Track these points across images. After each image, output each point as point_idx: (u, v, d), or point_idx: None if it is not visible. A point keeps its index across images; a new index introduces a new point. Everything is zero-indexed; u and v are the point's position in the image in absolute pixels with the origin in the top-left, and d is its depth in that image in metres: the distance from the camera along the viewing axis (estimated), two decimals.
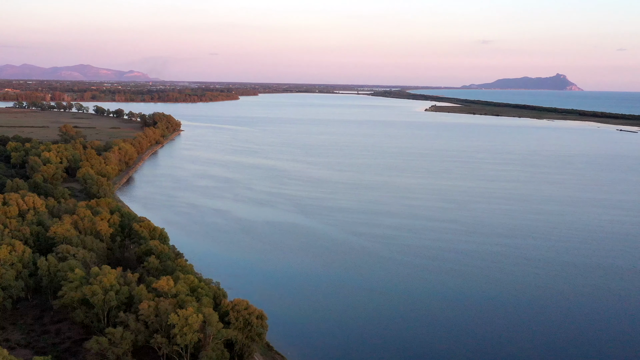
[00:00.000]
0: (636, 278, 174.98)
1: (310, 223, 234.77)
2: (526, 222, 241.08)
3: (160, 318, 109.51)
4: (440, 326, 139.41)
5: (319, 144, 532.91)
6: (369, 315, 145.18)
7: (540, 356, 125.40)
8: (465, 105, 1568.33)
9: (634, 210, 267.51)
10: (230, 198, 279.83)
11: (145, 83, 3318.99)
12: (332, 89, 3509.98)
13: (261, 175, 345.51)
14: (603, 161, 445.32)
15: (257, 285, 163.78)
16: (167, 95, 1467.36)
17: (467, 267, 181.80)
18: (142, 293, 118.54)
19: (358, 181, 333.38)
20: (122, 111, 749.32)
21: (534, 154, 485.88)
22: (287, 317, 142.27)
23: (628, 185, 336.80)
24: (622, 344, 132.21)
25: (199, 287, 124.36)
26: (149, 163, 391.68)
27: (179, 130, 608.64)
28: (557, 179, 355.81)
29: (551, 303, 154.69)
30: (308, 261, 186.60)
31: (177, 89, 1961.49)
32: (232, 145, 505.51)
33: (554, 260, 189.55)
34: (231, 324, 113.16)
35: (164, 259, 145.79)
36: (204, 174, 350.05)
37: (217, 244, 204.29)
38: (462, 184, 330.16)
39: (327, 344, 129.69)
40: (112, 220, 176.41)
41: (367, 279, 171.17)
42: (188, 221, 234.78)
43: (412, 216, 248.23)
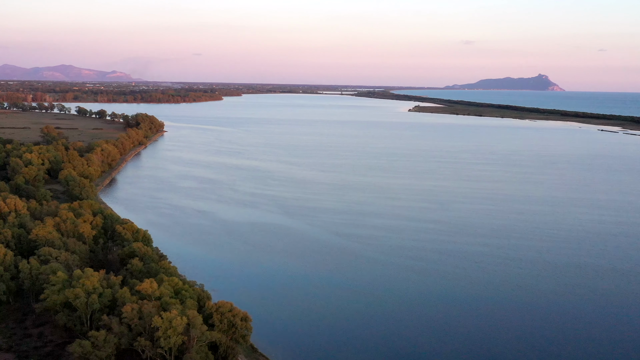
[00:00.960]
0: (616, 277, 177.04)
1: (294, 224, 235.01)
2: (508, 222, 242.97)
3: (144, 321, 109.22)
4: (424, 326, 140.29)
5: (302, 144, 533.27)
6: (353, 315, 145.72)
7: (522, 355, 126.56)
8: (448, 105, 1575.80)
9: (615, 210, 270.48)
10: (214, 199, 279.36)
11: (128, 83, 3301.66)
12: (315, 89, 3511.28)
13: (245, 176, 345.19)
14: (584, 161, 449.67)
15: (241, 287, 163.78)
16: (150, 95, 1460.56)
17: (449, 267, 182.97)
18: (125, 296, 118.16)
19: (342, 182, 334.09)
20: (104, 112, 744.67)
21: (516, 154, 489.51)
22: (271, 319, 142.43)
23: (609, 185, 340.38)
24: (602, 342, 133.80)
25: (182, 290, 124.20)
26: (132, 164, 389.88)
27: (162, 131, 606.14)
28: (539, 179, 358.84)
29: (532, 303, 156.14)
30: (292, 262, 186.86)
31: (160, 89, 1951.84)
32: (215, 146, 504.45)
33: (536, 260, 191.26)
34: (215, 326, 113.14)
35: (148, 261, 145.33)
36: (187, 175, 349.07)
37: (201, 246, 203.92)
38: (445, 184, 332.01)
39: (312, 344, 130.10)
40: (94, 223, 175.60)
41: (351, 279, 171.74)
42: (171, 223, 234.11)
43: (396, 217, 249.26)
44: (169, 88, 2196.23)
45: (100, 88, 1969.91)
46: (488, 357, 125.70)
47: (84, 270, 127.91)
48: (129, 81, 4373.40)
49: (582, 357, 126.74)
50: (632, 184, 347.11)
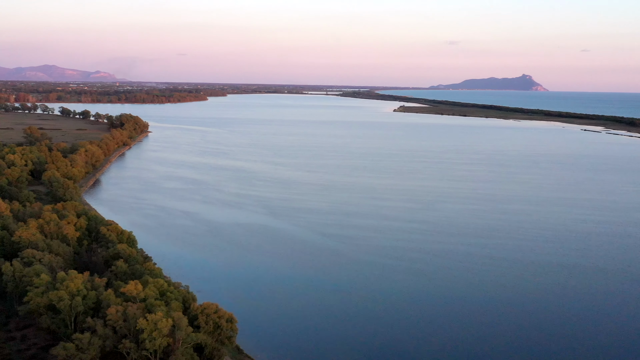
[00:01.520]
0: (599, 276, 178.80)
1: (280, 224, 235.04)
2: (492, 222, 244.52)
3: (129, 323, 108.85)
4: (409, 326, 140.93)
5: (288, 144, 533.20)
6: (338, 316, 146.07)
7: (506, 353, 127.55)
8: (433, 105, 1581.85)
9: (598, 209, 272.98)
10: (199, 200, 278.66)
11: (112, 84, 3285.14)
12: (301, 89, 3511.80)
13: (230, 177, 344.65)
14: (568, 160, 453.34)
15: (226, 288, 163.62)
16: (135, 96, 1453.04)
17: (434, 267, 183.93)
18: (110, 298, 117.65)
19: (327, 182, 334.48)
20: (88, 112, 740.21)
21: (500, 153, 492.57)
22: (257, 320, 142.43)
23: (592, 185, 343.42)
24: (585, 340, 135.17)
25: (168, 291, 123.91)
26: (116, 165, 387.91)
27: (146, 132, 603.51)
28: (523, 178, 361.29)
29: (516, 302, 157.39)
30: (277, 263, 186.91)
31: (144, 89, 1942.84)
32: (200, 147, 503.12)
33: (519, 260, 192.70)
34: (201, 327, 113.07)
35: (132, 262, 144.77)
36: (172, 175, 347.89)
37: (186, 247, 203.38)
38: (430, 184, 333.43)
39: (297, 345, 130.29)
40: (78, 224, 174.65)
41: (336, 280, 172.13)
42: (156, 224, 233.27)
43: (381, 217, 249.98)
44: (154, 88, 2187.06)
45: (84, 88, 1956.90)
46: (472, 356, 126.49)
47: (67, 272, 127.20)
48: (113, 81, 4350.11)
49: (566, 354, 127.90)
50: (614, 183, 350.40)
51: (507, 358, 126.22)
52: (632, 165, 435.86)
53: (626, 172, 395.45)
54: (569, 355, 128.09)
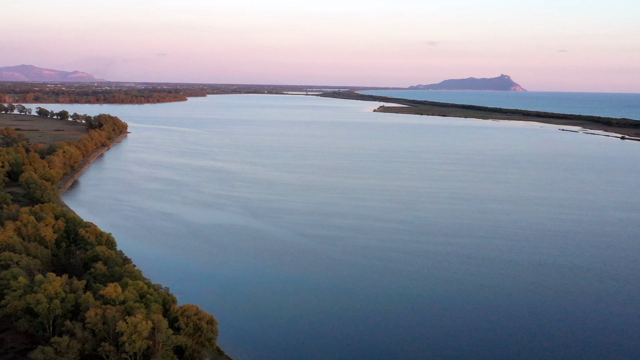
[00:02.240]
0: (576, 275, 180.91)
1: (260, 225, 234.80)
2: (471, 222, 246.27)
3: (108, 326, 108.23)
4: (389, 325, 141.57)
5: (268, 145, 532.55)
6: (319, 316, 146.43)
7: (485, 352, 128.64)
8: (413, 105, 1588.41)
9: (575, 208, 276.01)
10: (179, 201, 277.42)
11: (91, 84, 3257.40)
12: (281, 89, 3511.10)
13: (210, 178, 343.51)
14: (546, 160, 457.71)
15: (207, 290, 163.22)
16: (113, 96, 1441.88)
17: (413, 267, 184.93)
18: (89, 300, 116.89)
19: (307, 182, 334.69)
20: (66, 113, 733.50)
21: (479, 153, 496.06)
22: (237, 321, 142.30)
23: (569, 184, 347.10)
24: (562, 338, 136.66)
25: (147, 293, 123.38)
26: (95, 166, 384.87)
27: (125, 132, 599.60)
28: (501, 178, 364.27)
29: (495, 301, 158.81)
30: (258, 264, 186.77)
31: (123, 90, 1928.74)
32: (180, 147, 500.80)
33: (498, 259, 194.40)
34: (181, 329, 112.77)
35: (112, 264, 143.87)
36: (151, 176, 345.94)
37: (166, 248, 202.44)
38: (409, 184, 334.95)
39: (278, 346, 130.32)
40: (57, 226, 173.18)
41: (317, 280, 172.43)
42: (135, 225, 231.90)
43: (361, 217, 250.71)
44: (132, 88, 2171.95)
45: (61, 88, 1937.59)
46: (453, 355, 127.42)
47: (45, 275, 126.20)
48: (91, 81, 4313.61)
49: (544, 352, 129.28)
50: (591, 182, 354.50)
51: (486, 356, 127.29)
52: (609, 164, 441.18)
53: (603, 172, 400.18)
54: (547, 352, 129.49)
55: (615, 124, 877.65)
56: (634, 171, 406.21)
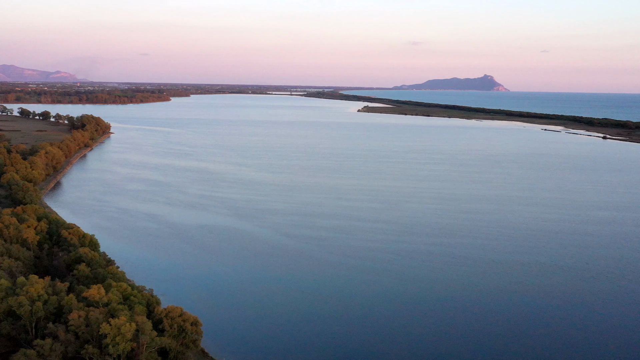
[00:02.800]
0: (558, 273, 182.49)
1: (244, 226, 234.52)
2: (455, 221, 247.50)
3: (92, 328, 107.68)
4: (373, 325, 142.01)
5: (252, 145, 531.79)
6: (303, 317, 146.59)
7: (469, 351, 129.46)
8: (396, 105, 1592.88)
9: (557, 208, 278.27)
10: (163, 202, 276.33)
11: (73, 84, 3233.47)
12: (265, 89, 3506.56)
13: (194, 178, 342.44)
14: (528, 160, 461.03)
15: (191, 291, 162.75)
16: (96, 96, 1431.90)
17: (398, 267, 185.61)
18: (72, 303, 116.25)
19: (291, 183, 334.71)
20: (48, 113, 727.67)
21: (463, 153, 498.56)
22: (222, 322, 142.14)
23: (551, 183, 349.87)
24: (546, 336, 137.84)
25: (131, 295, 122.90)
26: (78, 167, 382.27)
27: (108, 133, 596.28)
28: (485, 178, 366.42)
29: (478, 300, 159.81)
30: (242, 265, 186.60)
31: (106, 90, 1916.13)
32: (163, 148, 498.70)
33: (481, 258, 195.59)
34: (165, 331, 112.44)
35: (95, 266, 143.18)
36: (134, 177, 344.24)
37: (150, 250, 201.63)
38: (394, 184, 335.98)
39: (263, 347, 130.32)
40: (39, 228, 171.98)
41: (301, 280, 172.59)
42: (119, 227, 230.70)
43: (345, 217, 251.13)
44: (116, 89, 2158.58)
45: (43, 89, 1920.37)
46: (436, 354, 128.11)
47: (28, 277, 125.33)
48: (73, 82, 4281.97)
49: (527, 350, 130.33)
50: (573, 182, 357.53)
51: (470, 354, 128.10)
52: (591, 164, 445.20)
53: (585, 171, 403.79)
54: (530, 350, 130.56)
55: (597, 124, 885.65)
56: (615, 170, 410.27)
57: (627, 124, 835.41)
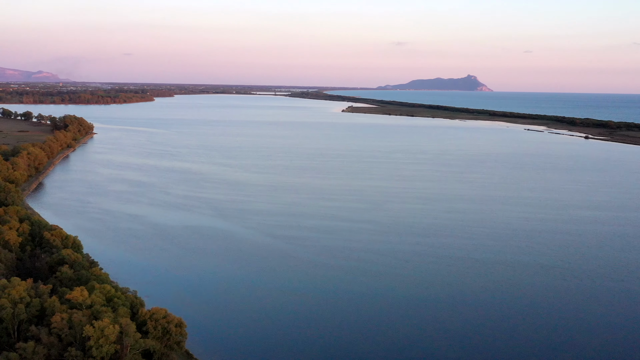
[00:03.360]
0: (540, 272, 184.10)
1: (228, 226, 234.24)
2: (439, 221, 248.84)
3: (75, 330, 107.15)
4: (357, 326, 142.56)
5: (236, 145, 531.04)
6: (288, 317, 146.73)
7: (451, 351, 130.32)
8: (381, 105, 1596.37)
9: (540, 207, 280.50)
10: (146, 203, 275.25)
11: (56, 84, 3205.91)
12: (249, 89, 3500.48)
13: (178, 179, 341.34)
14: (511, 160, 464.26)
15: (175, 292, 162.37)
16: (79, 96, 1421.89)
17: (381, 267, 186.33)
18: (54, 305, 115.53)
19: (276, 183, 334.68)
20: (30, 114, 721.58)
21: (447, 153, 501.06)
22: (206, 324, 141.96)
23: (534, 183, 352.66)
24: (527, 335, 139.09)
25: (115, 297, 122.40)
26: (60, 168, 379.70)
27: (91, 133, 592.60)
28: (468, 177, 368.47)
29: (461, 299, 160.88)
30: (227, 265, 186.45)
31: (89, 90, 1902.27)
32: (147, 148, 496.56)
33: (464, 258, 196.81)
34: (149, 333, 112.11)
35: (78, 268, 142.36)
36: (118, 178, 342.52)
37: (133, 251, 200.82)
38: (378, 184, 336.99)
39: (248, 348, 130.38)
40: (21, 229, 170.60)
41: (286, 281, 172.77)
42: (102, 228, 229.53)
43: (330, 217, 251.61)
44: (99, 89, 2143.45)
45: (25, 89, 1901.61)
46: (420, 354, 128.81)
47: (10, 280, 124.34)
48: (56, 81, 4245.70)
49: (509, 349, 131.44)
50: (556, 181, 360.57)
51: (454, 353, 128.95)
52: (573, 163, 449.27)
53: (567, 171, 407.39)
54: (512, 349, 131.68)
55: (579, 124, 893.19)
56: (597, 170, 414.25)
57: (608, 123, 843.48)
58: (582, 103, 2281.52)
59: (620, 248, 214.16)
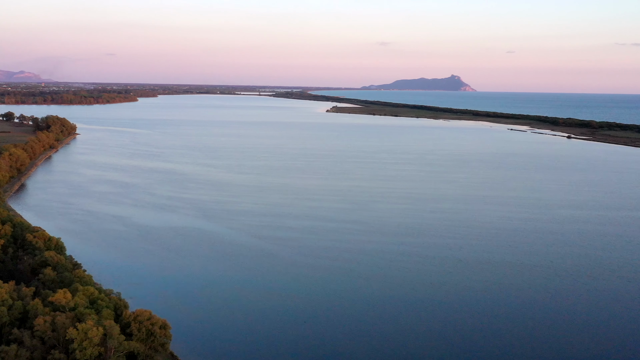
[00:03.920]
0: (523, 272, 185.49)
1: (213, 227, 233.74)
2: (423, 221, 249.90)
3: (58, 333, 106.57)
4: (342, 326, 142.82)
5: (220, 146, 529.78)
6: (273, 318, 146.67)
7: (435, 350, 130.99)
8: (365, 106, 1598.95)
9: (523, 207, 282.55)
10: (130, 204, 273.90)
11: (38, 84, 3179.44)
12: (233, 90, 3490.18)
13: (162, 179, 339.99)
14: (495, 159, 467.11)
15: (160, 294, 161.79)
16: (61, 97, 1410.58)
17: (366, 267, 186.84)
18: (37, 307, 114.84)
19: (260, 183, 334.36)
20: (12, 114, 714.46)
21: (431, 153, 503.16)
22: (191, 325, 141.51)
23: (517, 183, 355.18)
24: (510, 334, 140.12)
25: (99, 299, 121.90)
26: (43, 169, 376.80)
27: (74, 134, 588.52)
28: (452, 177, 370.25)
29: (445, 299, 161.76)
30: (211, 266, 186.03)
31: (72, 90, 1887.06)
32: (130, 149, 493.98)
33: (448, 258, 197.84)
34: (133, 335, 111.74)
35: (61, 270, 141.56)
36: (101, 179, 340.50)
37: (117, 252, 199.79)
38: (362, 185, 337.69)
39: (233, 349, 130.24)
40: (3, 231, 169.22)
41: (271, 282, 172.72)
42: (86, 229, 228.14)
43: (314, 218, 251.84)
44: (81, 89, 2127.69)
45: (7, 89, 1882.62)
46: (404, 354, 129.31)
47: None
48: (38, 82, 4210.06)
49: (493, 349, 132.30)
50: (538, 181, 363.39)
51: (437, 353, 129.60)
52: (555, 163, 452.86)
53: (550, 170, 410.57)
54: (496, 348, 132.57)
55: (561, 124, 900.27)
56: (579, 170, 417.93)
57: (590, 123, 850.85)
58: (564, 103, 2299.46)
59: (602, 247, 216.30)
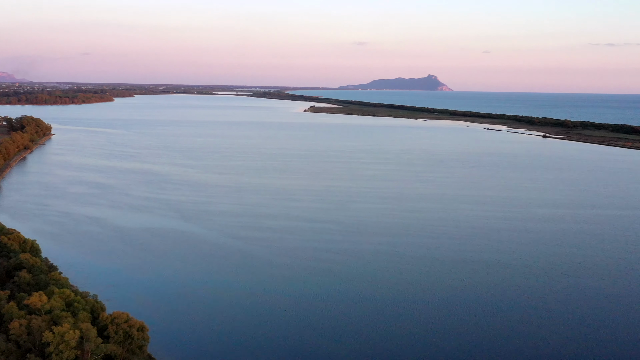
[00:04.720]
0: (500, 271, 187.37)
1: (190, 228, 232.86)
2: (401, 221, 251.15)
3: (34, 336, 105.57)
4: (320, 326, 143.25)
5: (197, 146, 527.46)
6: (251, 319, 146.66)
7: (413, 349, 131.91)
8: (343, 105, 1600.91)
9: (499, 205, 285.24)
10: (106, 205, 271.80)
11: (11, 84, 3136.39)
12: (210, 90, 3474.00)
13: (138, 180, 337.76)
14: (472, 158, 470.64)
15: (137, 296, 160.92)
16: (36, 97, 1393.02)
17: (343, 267, 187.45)
18: (12, 311, 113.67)
19: (238, 184, 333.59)
20: None
21: (408, 153, 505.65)
22: (169, 327, 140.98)
23: (494, 181, 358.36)
24: (488, 331, 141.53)
25: (75, 301, 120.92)
26: (17, 170, 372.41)
27: (49, 135, 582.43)
28: (429, 177, 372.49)
29: (422, 298, 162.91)
30: (189, 267, 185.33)
31: (46, 90, 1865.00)
32: (107, 150, 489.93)
33: (425, 257, 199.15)
34: (110, 337, 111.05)
35: (36, 272, 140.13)
36: (77, 180, 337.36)
37: (93, 254, 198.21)
38: (340, 184, 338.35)
39: (211, 350, 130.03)
40: None
41: (249, 282, 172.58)
42: (61, 231, 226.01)
43: (292, 218, 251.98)
44: (56, 89, 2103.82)
45: None
46: (382, 354, 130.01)
47: None
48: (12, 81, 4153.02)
49: (471, 346, 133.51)
50: (514, 180, 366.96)
51: (416, 353, 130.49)
52: (531, 162, 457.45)
53: (525, 169, 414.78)
54: (473, 346, 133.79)
55: (537, 123, 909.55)
56: (555, 169, 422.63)
57: (565, 122, 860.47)
58: (539, 102, 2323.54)
59: (577, 245, 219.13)
